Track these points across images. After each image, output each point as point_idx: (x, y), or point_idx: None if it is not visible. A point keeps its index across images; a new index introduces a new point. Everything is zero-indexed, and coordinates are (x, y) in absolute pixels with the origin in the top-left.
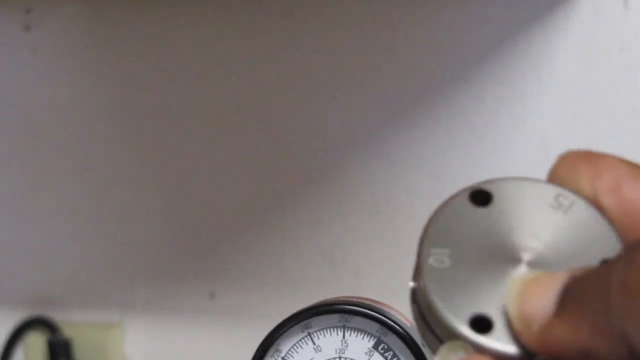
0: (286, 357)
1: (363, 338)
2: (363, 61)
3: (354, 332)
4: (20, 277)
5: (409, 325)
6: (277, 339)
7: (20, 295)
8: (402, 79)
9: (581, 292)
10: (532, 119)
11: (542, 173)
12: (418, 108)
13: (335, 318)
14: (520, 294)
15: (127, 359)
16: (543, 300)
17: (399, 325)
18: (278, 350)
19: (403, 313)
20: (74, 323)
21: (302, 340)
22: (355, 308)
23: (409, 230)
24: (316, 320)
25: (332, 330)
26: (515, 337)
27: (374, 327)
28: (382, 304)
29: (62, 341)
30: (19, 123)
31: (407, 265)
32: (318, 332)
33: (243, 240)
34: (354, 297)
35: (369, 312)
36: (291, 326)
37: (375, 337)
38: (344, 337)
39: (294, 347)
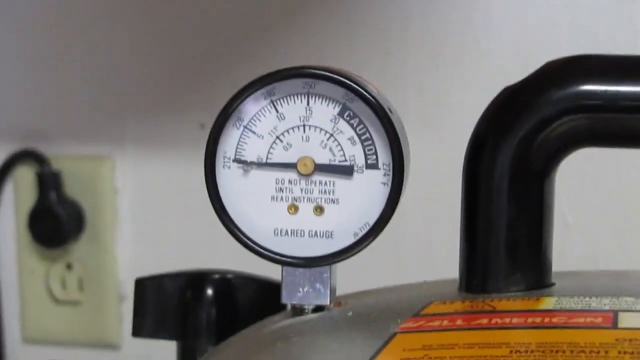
0: (249, 126)
1: (328, 105)
2: None
3: (318, 99)
4: (9, 110)
5: (376, 91)
6: (238, 105)
7: (9, 129)
8: None
9: None
10: None
11: None
12: None
13: (299, 84)
14: None
15: (118, 192)
16: None
17: (365, 90)
18: (240, 119)
19: (371, 81)
20: (64, 156)
21: (265, 108)
22: (319, 72)
23: None
24: (279, 87)
25: (295, 97)
26: None
27: (340, 92)
28: (348, 71)
29: (52, 173)
30: None
31: None
32: (281, 100)
33: (233, 71)
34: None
35: (334, 76)
36: (253, 92)
37: (340, 103)
38: (308, 104)
39: (257, 115)
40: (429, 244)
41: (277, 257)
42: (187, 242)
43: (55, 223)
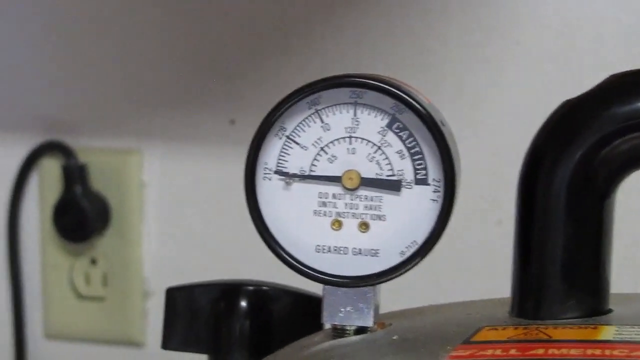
0: (292, 136)
1: (376, 116)
2: None
3: (366, 109)
4: (35, 101)
5: (428, 102)
6: (281, 115)
7: (35, 120)
8: None
9: None
10: None
11: None
12: None
13: (346, 93)
14: None
15: (146, 186)
16: None
17: (416, 101)
18: (283, 128)
19: (421, 91)
20: (90, 148)
21: (310, 118)
22: (368, 81)
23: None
24: (325, 96)
25: (342, 107)
26: None
27: (389, 103)
28: (398, 80)
29: (78, 166)
30: None
31: None
32: (327, 109)
33: (264, 66)
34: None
35: (384, 86)
36: (296, 101)
37: (389, 114)
38: (355, 114)
39: (301, 125)
40: (465, 251)
41: (318, 275)
42: (214, 239)
43: (80, 217)
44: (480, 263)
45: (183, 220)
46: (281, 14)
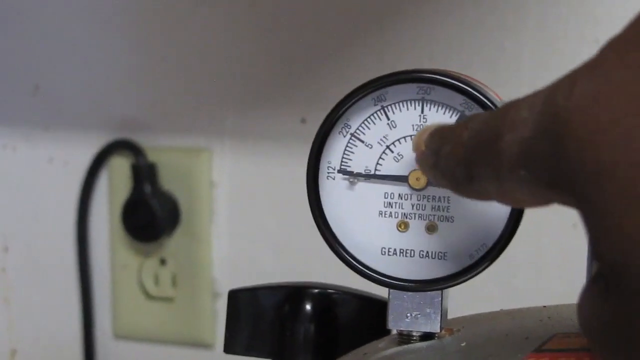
0: (356, 133)
1: (444, 113)
2: None
3: (434, 106)
4: (106, 99)
5: (499, 99)
6: (345, 111)
7: (106, 118)
8: None
9: None
10: None
11: None
12: None
13: (413, 89)
14: None
15: (215, 186)
16: None
17: (486, 97)
18: (347, 126)
19: (491, 87)
20: (160, 147)
21: (375, 115)
22: (436, 77)
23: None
24: (391, 92)
25: (409, 104)
26: None
27: (458, 99)
28: (468, 76)
29: (147, 165)
30: None
31: None
32: (393, 106)
33: (336, 64)
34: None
35: (453, 81)
36: (362, 97)
37: (458, 111)
38: (422, 111)
39: (366, 122)
40: (540, 254)
41: (384, 279)
42: (285, 240)
43: (150, 216)
44: (556, 266)
45: (253, 220)
46: (354, 11)
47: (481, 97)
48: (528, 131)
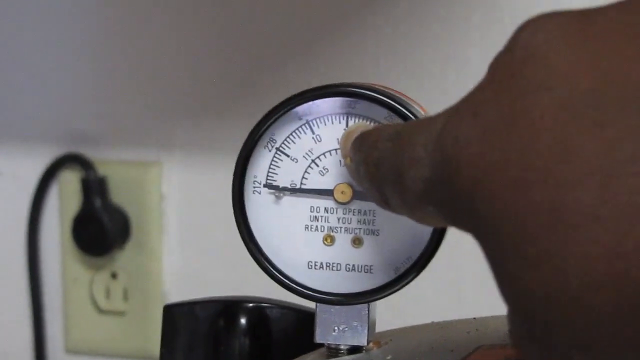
0: (282, 148)
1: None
2: None
3: (358, 120)
4: (54, 112)
5: (423, 113)
6: (269, 126)
7: (54, 132)
8: None
9: None
10: None
11: None
12: None
13: (337, 103)
14: None
15: (165, 199)
16: None
17: (409, 111)
18: (272, 140)
19: (417, 100)
20: (110, 161)
21: (300, 129)
22: (359, 91)
23: None
24: (315, 106)
25: (333, 118)
26: None
27: (382, 113)
28: (393, 89)
29: (97, 179)
30: None
31: None
32: (318, 120)
33: (283, 75)
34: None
35: (376, 95)
36: (287, 110)
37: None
38: (347, 125)
39: (291, 136)
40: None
41: (311, 293)
42: (235, 252)
43: (100, 230)
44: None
45: (204, 232)
46: (300, 23)
47: (404, 110)
48: (427, 171)
